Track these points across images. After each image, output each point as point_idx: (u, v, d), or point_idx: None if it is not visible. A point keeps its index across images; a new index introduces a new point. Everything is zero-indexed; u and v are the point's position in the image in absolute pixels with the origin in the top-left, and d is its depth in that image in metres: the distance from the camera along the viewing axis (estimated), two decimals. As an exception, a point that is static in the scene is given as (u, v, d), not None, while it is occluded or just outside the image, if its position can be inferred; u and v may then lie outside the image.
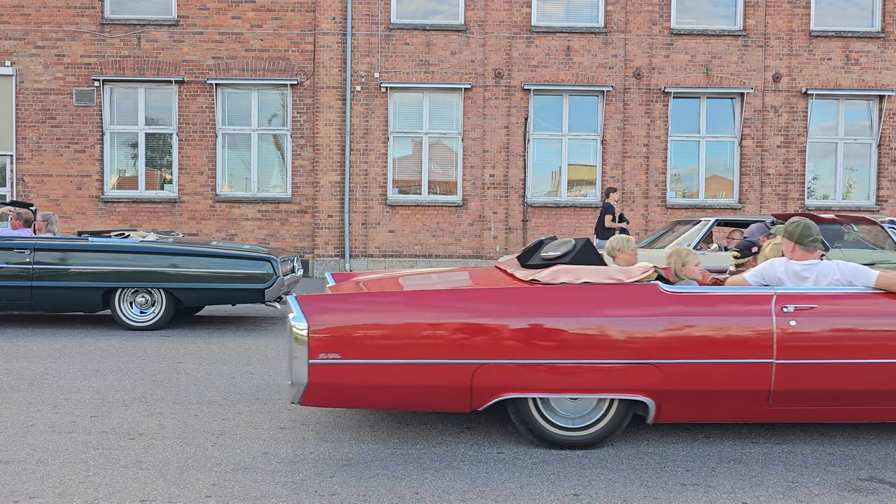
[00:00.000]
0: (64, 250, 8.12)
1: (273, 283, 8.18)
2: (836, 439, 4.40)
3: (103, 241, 8.22)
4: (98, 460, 3.87)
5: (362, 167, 15.08)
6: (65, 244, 8.17)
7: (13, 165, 14.84)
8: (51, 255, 8.11)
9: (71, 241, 8.22)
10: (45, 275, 8.07)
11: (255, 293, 8.19)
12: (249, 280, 8.17)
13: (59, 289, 8.11)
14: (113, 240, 8.27)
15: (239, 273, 8.16)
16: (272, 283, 8.18)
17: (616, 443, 4.27)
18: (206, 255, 8.17)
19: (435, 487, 3.55)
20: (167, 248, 8.17)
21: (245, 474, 3.69)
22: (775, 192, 15.44)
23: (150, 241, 8.34)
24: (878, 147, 15.55)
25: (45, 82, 14.77)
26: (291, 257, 9.37)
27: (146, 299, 8.29)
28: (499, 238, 15.19)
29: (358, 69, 14.95)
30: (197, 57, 14.85)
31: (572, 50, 15.12)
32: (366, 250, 15.11)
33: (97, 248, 8.13)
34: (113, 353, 6.91)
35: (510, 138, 15.15)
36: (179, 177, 15.00)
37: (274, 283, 8.19)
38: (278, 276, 8.21)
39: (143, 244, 8.21)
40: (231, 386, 5.61)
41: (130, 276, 8.08)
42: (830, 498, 3.48)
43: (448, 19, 15.16)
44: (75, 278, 8.09)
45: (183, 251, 8.17)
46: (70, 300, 8.17)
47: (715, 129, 15.54)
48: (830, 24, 15.46)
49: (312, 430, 4.44)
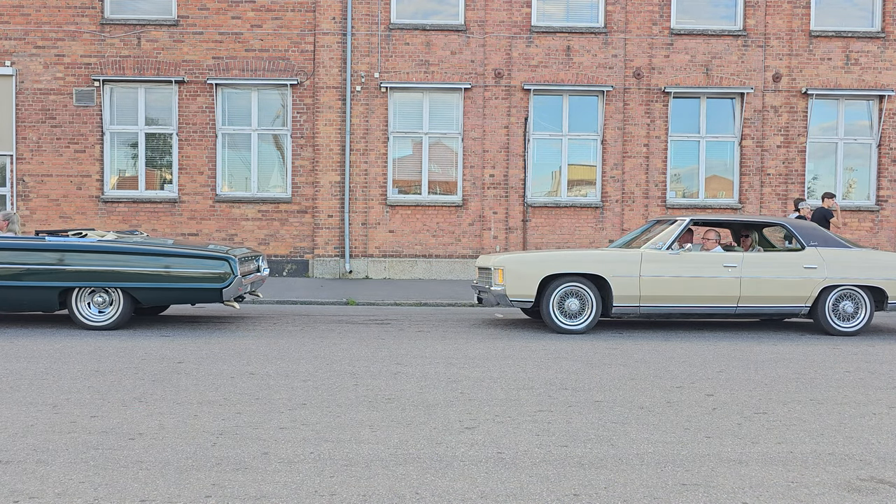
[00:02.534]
0: (20, 250, 8.07)
1: (231, 282, 8.12)
2: (835, 439, 4.40)
3: (60, 240, 8.16)
4: (98, 460, 3.87)
5: (362, 167, 15.08)
6: (21, 244, 8.11)
7: (13, 165, 14.84)
8: (7, 254, 8.05)
9: (27, 241, 8.16)
10: (1, 274, 8.02)
11: (212, 293, 8.14)
12: (207, 280, 8.12)
13: (16, 288, 8.05)
14: (70, 239, 8.21)
15: (196, 273, 8.10)
16: (230, 282, 8.12)
17: (616, 443, 4.27)
18: (163, 255, 8.12)
19: (435, 487, 3.55)
20: (124, 248, 8.10)
21: (245, 474, 3.69)
22: (775, 192, 15.44)
23: (107, 241, 8.28)
24: (878, 147, 15.55)
25: (45, 82, 14.77)
26: (256, 256, 9.34)
27: (104, 299, 8.23)
28: (499, 238, 15.19)
29: (358, 69, 14.95)
30: (197, 57, 14.85)
31: (572, 50, 15.12)
32: (366, 250, 15.11)
33: (54, 247, 8.08)
34: (113, 353, 6.91)
35: (510, 138, 15.15)
36: (179, 177, 15.00)
37: (231, 283, 8.13)
38: (236, 276, 8.14)
39: (100, 244, 8.15)
40: (231, 386, 5.61)
41: (87, 275, 8.03)
42: (830, 498, 3.48)
43: (448, 19, 15.15)
44: (32, 278, 8.03)
45: (139, 250, 8.11)
46: (27, 300, 8.12)
47: (715, 129, 15.54)
48: (830, 24, 15.46)
49: (312, 430, 4.44)
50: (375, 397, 5.30)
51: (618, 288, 8.53)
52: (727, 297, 8.67)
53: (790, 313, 8.90)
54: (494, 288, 8.71)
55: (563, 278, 8.56)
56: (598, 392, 5.57)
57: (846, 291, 8.87)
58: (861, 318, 8.87)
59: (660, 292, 8.57)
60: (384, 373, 6.17)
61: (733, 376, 6.25)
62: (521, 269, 8.57)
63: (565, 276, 8.58)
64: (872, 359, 7.26)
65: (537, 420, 4.74)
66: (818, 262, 8.81)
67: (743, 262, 8.71)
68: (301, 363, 6.54)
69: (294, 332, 8.36)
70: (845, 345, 8.15)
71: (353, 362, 6.62)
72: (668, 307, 8.67)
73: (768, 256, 8.83)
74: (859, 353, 7.56)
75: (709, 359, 7.09)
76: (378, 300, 11.51)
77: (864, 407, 5.24)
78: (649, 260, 8.60)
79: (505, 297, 8.60)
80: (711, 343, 8.09)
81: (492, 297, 8.78)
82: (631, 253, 8.66)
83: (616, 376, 6.17)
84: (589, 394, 5.51)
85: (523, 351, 7.37)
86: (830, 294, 8.81)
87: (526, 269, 8.56)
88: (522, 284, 8.55)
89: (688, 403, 5.26)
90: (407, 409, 5.00)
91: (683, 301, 8.65)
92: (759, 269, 8.71)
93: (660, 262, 8.61)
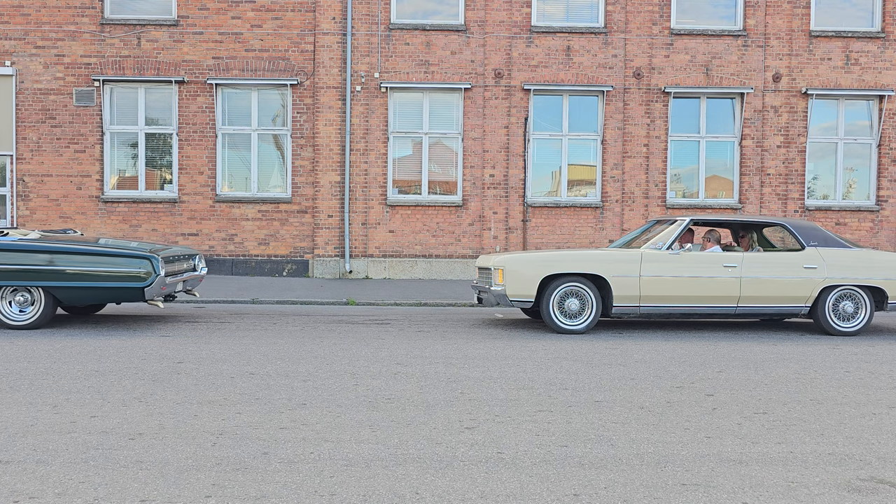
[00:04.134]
0: None
1: (152, 281, 8.09)
2: (835, 439, 4.40)
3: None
4: (98, 460, 3.87)
5: (362, 167, 15.08)
6: None
7: (13, 165, 14.84)
8: None
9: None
10: None
11: (134, 292, 8.11)
12: (128, 279, 8.09)
13: None
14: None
15: (117, 272, 8.08)
16: (151, 281, 8.09)
17: (616, 443, 4.27)
18: (84, 254, 8.09)
19: (435, 487, 3.54)
20: (45, 247, 8.09)
21: (245, 474, 3.69)
22: (775, 192, 15.44)
23: (28, 240, 8.26)
24: (878, 147, 15.55)
25: (45, 82, 14.77)
26: (192, 256, 9.32)
27: (26, 298, 8.21)
28: (499, 238, 15.19)
29: (358, 69, 14.95)
30: (197, 57, 14.85)
31: (572, 50, 15.12)
32: (366, 250, 15.11)
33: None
34: (113, 353, 6.91)
35: (510, 138, 15.15)
36: (179, 177, 15.00)
37: (153, 282, 8.09)
38: (158, 275, 8.11)
39: (20, 243, 8.14)
40: (231, 386, 5.61)
41: (8, 274, 8.02)
42: (830, 498, 3.48)
43: (448, 19, 15.15)
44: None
45: (61, 249, 8.09)
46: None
47: (715, 129, 15.54)
48: (830, 24, 15.46)
49: (312, 430, 4.44)
50: (375, 397, 5.30)
51: (618, 288, 8.53)
52: (727, 297, 8.67)
53: (790, 313, 8.90)
54: (494, 288, 8.71)
55: (563, 278, 8.56)
56: (598, 392, 5.57)
57: (846, 291, 8.87)
58: (861, 318, 8.87)
59: (660, 292, 8.57)
60: (384, 373, 6.17)
61: (733, 376, 6.25)
62: (521, 269, 8.57)
63: (565, 276, 8.58)
64: (872, 359, 7.26)
65: (537, 420, 4.74)
66: (818, 262, 8.81)
67: (743, 262, 8.71)
68: (301, 363, 6.54)
69: (294, 332, 8.36)
70: (845, 345, 8.15)
71: (353, 362, 6.62)
72: (668, 307, 8.67)
73: (768, 256, 8.83)
74: (859, 353, 7.56)
75: (709, 359, 7.09)
76: (378, 300, 11.51)
77: (864, 407, 5.24)
78: (649, 260, 8.60)
79: (505, 297, 8.60)
80: (711, 343, 8.09)
81: (492, 297, 8.78)
82: (631, 253, 8.66)
83: (616, 376, 6.17)
84: (589, 394, 5.51)
85: (523, 351, 7.37)
86: (830, 294, 8.81)
87: (526, 269, 8.56)
88: (522, 284, 8.55)
89: (688, 403, 5.26)
90: (407, 409, 5.00)
91: (683, 301, 8.65)
92: (759, 269, 8.71)
93: (660, 262, 8.61)
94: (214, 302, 11.23)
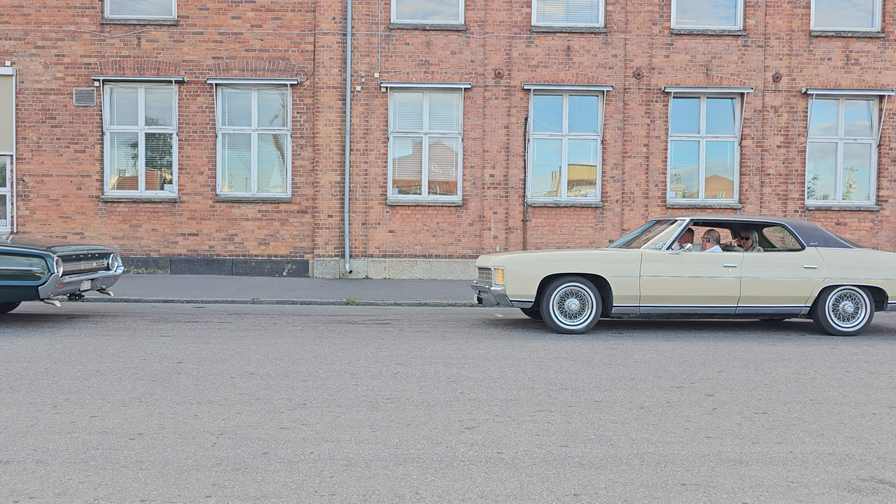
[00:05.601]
0: None
1: (47, 280, 8.03)
2: (835, 439, 4.40)
3: None
4: (98, 460, 3.87)
5: (362, 167, 15.08)
6: None
7: (13, 165, 14.84)
8: None
9: None
10: None
11: (28, 290, 8.04)
12: (21, 277, 8.03)
13: None
14: None
15: (10, 270, 8.02)
16: (45, 280, 8.03)
17: (616, 443, 4.27)
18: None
19: (435, 487, 3.54)
20: None
21: (245, 474, 3.69)
22: (775, 192, 15.44)
23: None
24: (878, 147, 15.55)
25: (45, 82, 14.77)
26: (105, 255, 9.26)
27: None
28: (499, 238, 15.19)
29: (358, 69, 14.95)
30: (197, 57, 14.85)
31: (572, 50, 15.12)
32: (366, 250, 15.11)
33: None
34: (113, 353, 6.91)
35: (510, 138, 15.15)
36: (179, 177, 15.00)
37: (48, 281, 8.03)
38: (53, 273, 8.05)
39: None
40: (231, 386, 5.61)
41: None
42: (830, 498, 3.48)
43: (448, 19, 15.15)
44: None
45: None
46: None
47: (715, 129, 15.54)
48: (830, 24, 15.46)
49: (312, 430, 4.44)
50: (375, 397, 5.30)
51: (618, 288, 8.53)
52: (727, 297, 8.67)
53: (790, 313, 8.90)
54: (494, 288, 8.71)
55: (562, 278, 8.56)
56: (598, 392, 5.57)
57: (846, 291, 8.87)
58: (861, 318, 8.87)
59: (660, 292, 8.57)
60: (384, 373, 6.17)
61: (733, 376, 6.25)
62: (521, 269, 8.57)
63: (565, 276, 8.58)
64: (872, 359, 7.26)
65: (537, 420, 4.74)
66: (818, 262, 8.81)
67: (743, 262, 8.71)
68: (301, 363, 6.54)
69: (294, 332, 8.36)
70: (845, 345, 8.15)
71: (353, 362, 6.62)
72: (668, 307, 8.67)
73: (768, 256, 8.83)
74: (859, 353, 7.56)
75: (709, 359, 7.09)
76: (378, 300, 11.51)
77: (864, 407, 5.24)
78: (649, 260, 8.60)
79: (505, 297, 8.60)
80: (711, 343, 8.09)
81: (492, 297, 8.78)
82: (631, 253, 8.66)
83: (616, 376, 6.17)
84: (589, 394, 5.51)
85: (523, 351, 7.37)
86: (830, 294, 8.81)
87: (526, 269, 8.56)
88: (522, 284, 8.55)
89: (688, 403, 5.26)
90: (407, 409, 5.00)
91: (683, 301, 8.65)
92: (759, 269, 8.71)
93: (660, 262, 8.61)
94: (214, 302, 11.23)
